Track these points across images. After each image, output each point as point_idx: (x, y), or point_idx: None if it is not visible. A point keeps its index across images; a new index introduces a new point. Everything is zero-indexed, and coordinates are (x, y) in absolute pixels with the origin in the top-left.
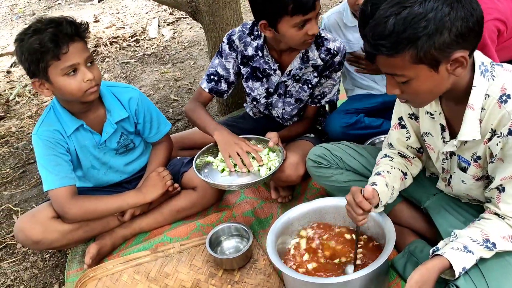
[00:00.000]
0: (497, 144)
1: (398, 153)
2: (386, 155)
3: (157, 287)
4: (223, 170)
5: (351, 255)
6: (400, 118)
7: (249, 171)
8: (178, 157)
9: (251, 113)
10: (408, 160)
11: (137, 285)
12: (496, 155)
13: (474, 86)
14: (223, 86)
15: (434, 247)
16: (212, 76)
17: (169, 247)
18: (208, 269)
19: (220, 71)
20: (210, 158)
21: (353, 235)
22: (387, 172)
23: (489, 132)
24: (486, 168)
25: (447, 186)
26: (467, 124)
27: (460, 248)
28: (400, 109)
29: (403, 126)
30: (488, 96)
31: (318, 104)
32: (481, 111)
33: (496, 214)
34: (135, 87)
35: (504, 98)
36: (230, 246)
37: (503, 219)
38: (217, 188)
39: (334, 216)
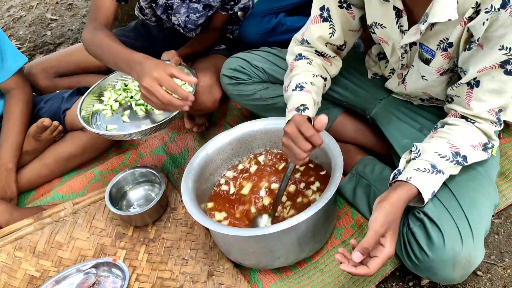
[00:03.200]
0: (483, 23)
1: (315, 51)
2: (301, 56)
3: (48, 263)
4: (123, 114)
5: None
6: (323, 8)
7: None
8: (57, 91)
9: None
10: (327, 59)
11: (21, 264)
12: (477, 39)
13: None
14: None
15: (395, 171)
16: None
17: (58, 209)
18: (114, 229)
19: None
20: (97, 106)
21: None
22: (311, 84)
23: (472, 8)
24: (455, 58)
25: (400, 84)
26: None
27: (427, 168)
28: None
29: (326, 19)
30: None
31: (230, 12)
32: None
33: (463, 117)
34: (1, 9)
35: None
36: (139, 196)
37: (473, 123)
38: None
39: (264, 143)
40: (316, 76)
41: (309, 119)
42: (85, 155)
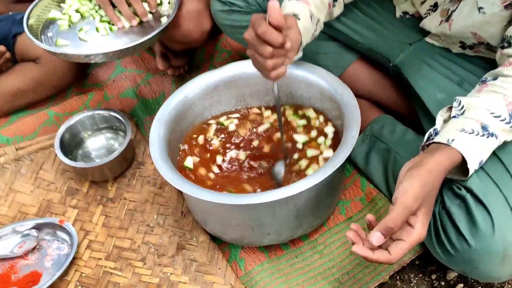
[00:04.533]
0: None
1: None
2: None
3: None
4: (81, 30)
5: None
6: None
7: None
8: (10, 13)
9: None
10: None
11: None
12: None
13: None
14: None
15: (431, 130)
16: None
17: None
18: (65, 183)
19: None
20: (54, 13)
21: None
22: None
23: None
24: None
25: (443, 23)
26: None
27: (476, 129)
28: None
29: None
30: None
31: None
32: None
33: None
34: None
35: None
36: (99, 145)
37: None
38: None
39: (259, 92)
40: None
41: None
42: (37, 92)
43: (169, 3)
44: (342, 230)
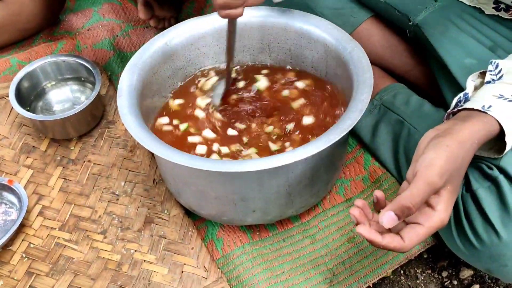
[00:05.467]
0: None
1: None
2: None
3: None
4: None
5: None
6: None
7: None
8: None
9: None
10: None
11: None
12: None
13: None
14: None
15: (461, 94)
16: None
17: None
18: (21, 139)
19: None
20: None
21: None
22: None
23: None
24: None
25: None
26: None
27: None
28: None
29: None
30: None
31: None
32: None
33: None
34: None
35: None
36: (63, 98)
37: None
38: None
39: (254, 46)
40: None
41: None
42: (1, 36)
43: None
44: (339, 213)
